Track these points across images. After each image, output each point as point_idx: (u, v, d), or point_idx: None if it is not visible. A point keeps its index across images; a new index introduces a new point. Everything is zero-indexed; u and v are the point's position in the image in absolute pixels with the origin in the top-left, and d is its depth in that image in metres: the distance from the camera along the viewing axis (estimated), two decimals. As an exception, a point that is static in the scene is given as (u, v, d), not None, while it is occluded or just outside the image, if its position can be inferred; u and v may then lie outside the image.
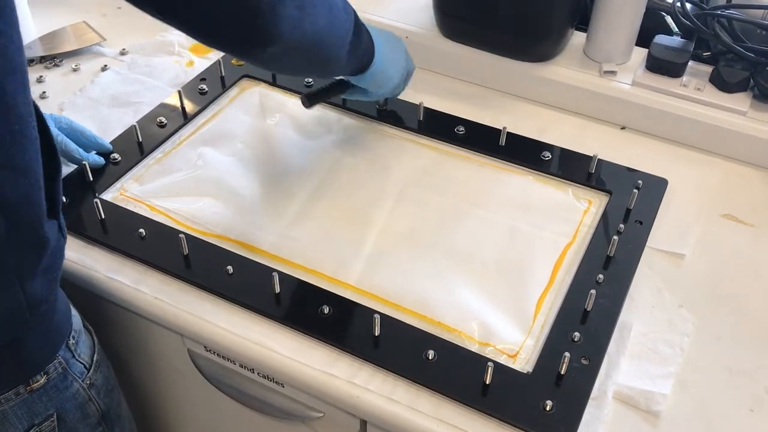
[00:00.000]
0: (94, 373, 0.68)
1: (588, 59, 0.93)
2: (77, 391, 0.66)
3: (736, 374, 0.65)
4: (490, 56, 0.94)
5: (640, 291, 0.71)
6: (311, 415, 0.70)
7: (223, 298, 0.69)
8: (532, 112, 0.93)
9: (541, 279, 0.72)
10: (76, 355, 0.65)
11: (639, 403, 0.63)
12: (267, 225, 0.77)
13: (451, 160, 0.85)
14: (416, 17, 1.00)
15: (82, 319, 0.69)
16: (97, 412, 0.69)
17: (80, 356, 0.66)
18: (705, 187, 0.83)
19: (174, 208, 0.78)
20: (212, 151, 0.85)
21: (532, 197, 0.80)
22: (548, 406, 0.60)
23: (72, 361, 0.65)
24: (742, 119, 0.85)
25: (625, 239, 0.73)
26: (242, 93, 0.94)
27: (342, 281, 0.71)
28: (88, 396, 0.68)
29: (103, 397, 0.70)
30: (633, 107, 0.89)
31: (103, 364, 0.71)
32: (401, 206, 0.79)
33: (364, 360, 0.64)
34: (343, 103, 0.91)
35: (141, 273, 0.72)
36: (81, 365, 0.66)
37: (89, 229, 0.75)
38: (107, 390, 0.71)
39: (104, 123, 0.89)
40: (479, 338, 0.66)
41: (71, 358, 0.65)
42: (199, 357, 0.74)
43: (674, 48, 0.89)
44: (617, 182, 0.81)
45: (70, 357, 0.65)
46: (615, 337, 0.67)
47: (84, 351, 0.67)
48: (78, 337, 0.66)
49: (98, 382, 0.69)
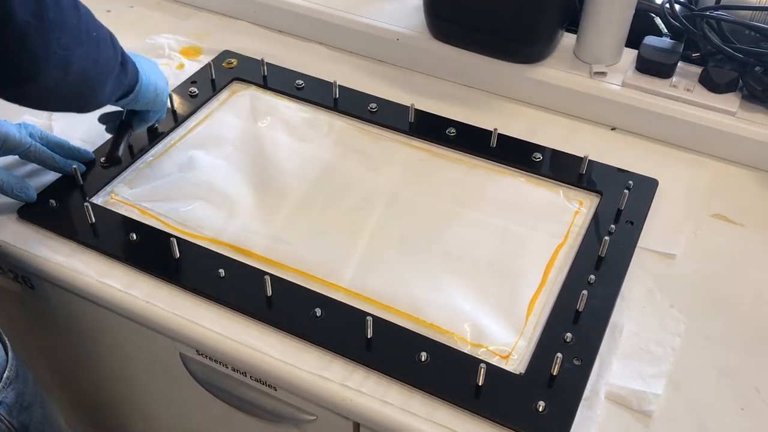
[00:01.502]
0: (4, 390, 0.66)
1: (578, 60, 0.94)
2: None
3: (727, 374, 0.66)
4: (481, 58, 0.94)
5: (631, 291, 0.72)
6: (304, 418, 0.70)
7: (215, 302, 0.69)
8: (522, 113, 0.94)
9: (533, 280, 0.72)
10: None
11: (631, 403, 0.63)
12: (258, 228, 0.76)
13: (442, 161, 0.85)
14: (407, 20, 1.00)
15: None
16: (9, 431, 0.68)
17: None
18: (695, 187, 0.84)
19: (165, 211, 0.78)
20: (203, 154, 0.85)
21: (524, 198, 0.81)
22: (541, 406, 0.60)
23: None
24: (731, 119, 0.86)
25: (616, 240, 0.74)
26: (233, 96, 0.94)
27: (334, 284, 0.71)
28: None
29: (16, 415, 0.68)
30: (623, 108, 0.89)
31: (18, 379, 0.69)
32: (393, 208, 0.79)
33: (356, 362, 0.64)
34: (334, 106, 0.91)
35: (132, 277, 0.71)
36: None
37: (80, 234, 0.74)
38: (22, 407, 0.69)
39: (94, 127, 0.89)
40: (471, 340, 0.66)
41: None
42: (191, 361, 0.74)
43: (664, 49, 0.89)
44: (608, 183, 0.81)
45: None
46: (607, 337, 0.67)
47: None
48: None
49: (8, 400, 0.67)
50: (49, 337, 0.91)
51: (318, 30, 1.03)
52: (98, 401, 0.99)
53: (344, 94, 0.93)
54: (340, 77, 0.94)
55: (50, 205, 0.77)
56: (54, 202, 0.77)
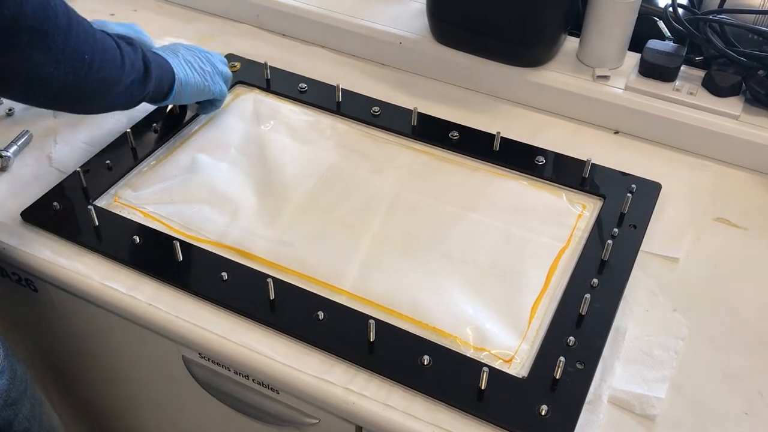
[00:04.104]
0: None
1: (581, 64, 0.94)
2: None
3: (730, 377, 0.66)
4: (484, 61, 0.95)
5: (634, 295, 0.72)
6: (306, 421, 0.70)
7: (218, 305, 0.69)
8: (525, 116, 0.94)
9: (536, 283, 0.72)
10: None
11: (634, 407, 0.63)
12: (261, 231, 0.77)
13: (445, 164, 0.85)
14: (410, 23, 1.00)
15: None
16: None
17: None
18: (698, 190, 0.84)
19: (168, 214, 0.78)
20: (206, 158, 0.85)
21: (526, 202, 0.81)
22: (543, 410, 0.60)
23: None
24: (734, 123, 0.86)
25: (619, 243, 0.74)
26: (236, 99, 0.94)
27: (337, 287, 0.71)
28: None
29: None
30: (626, 112, 0.89)
31: (5, 375, 0.69)
32: (395, 211, 0.79)
33: (359, 366, 0.64)
34: (337, 109, 0.91)
35: (135, 280, 0.71)
36: None
37: (83, 236, 0.74)
38: (6, 403, 0.69)
39: (98, 130, 0.89)
40: (474, 343, 0.66)
41: None
42: (194, 364, 0.74)
43: (667, 52, 0.89)
44: (611, 186, 0.81)
45: None
46: (610, 341, 0.67)
47: None
48: None
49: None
50: (51, 340, 0.91)
51: (321, 33, 1.03)
52: (100, 404, 0.99)
53: (347, 98, 0.93)
54: (343, 80, 0.94)
55: (54, 207, 0.77)
56: (57, 205, 0.77)
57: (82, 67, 0.64)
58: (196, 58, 0.83)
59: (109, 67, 0.67)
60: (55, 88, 0.63)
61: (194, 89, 0.82)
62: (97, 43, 0.65)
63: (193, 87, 0.81)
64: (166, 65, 0.77)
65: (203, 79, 0.82)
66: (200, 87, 0.82)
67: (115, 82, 0.68)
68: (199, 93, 0.83)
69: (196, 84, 0.81)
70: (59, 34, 0.61)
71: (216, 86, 0.85)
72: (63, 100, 0.67)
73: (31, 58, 0.60)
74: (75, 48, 0.63)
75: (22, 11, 0.57)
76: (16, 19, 0.57)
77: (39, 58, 0.60)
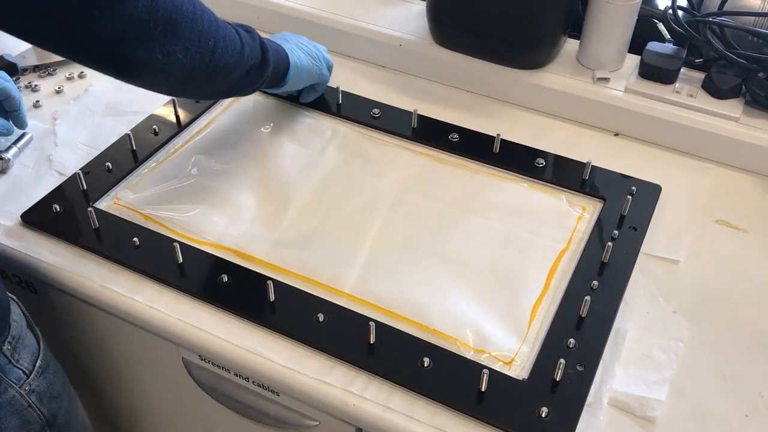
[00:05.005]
0: (36, 378, 0.67)
1: (581, 66, 0.94)
2: (13, 397, 0.65)
3: (731, 379, 0.66)
4: (484, 64, 0.95)
5: (634, 297, 0.72)
6: (306, 423, 0.70)
7: (218, 307, 0.69)
8: (525, 119, 0.94)
9: (536, 285, 0.72)
10: (13, 361, 0.65)
11: (634, 409, 0.63)
12: (262, 233, 0.77)
13: (445, 167, 0.85)
14: (410, 25, 1.01)
15: (28, 322, 0.68)
16: (39, 419, 0.68)
17: (18, 362, 0.65)
18: (698, 192, 0.84)
19: (168, 216, 0.78)
20: (206, 160, 0.85)
21: (527, 204, 0.81)
22: (544, 412, 0.60)
23: (8, 366, 0.64)
24: (734, 125, 0.86)
25: (619, 245, 0.74)
26: (236, 101, 0.94)
27: (337, 289, 0.71)
28: (27, 403, 0.66)
29: (47, 404, 0.69)
30: (626, 114, 0.89)
31: (50, 369, 0.70)
32: (396, 213, 0.79)
33: (359, 368, 0.64)
34: (338, 111, 0.91)
35: (135, 282, 0.71)
36: (19, 371, 0.65)
37: (83, 238, 0.74)
38: (52, 396, 0.70)
39: (98, 132, 0.89)
40: (474, 345, 0.66)
41: (6, 364, 0.64)
42: (194, 366, 0.74)
43: (666, 55, 0.89)
44: (611, 188, 0.81)
45: (5, 363, 0.64)
46: (610, 343, 0.67)
47: (24, 356, 0.66)
48: (16, 342, 0.65)
49: (41, 388, 0.68)
50: (51, 342, 0.91)
51: (321, 35, 1.03)
52: (100, 406, 0.99)
53: (347, 100, 0.93)
54: (343, 83, 0.94)
55: (54, 209, 0.77)
56: (57, 207, 0.77)
57: (206, 53, 0.65)
58: (304, 45, 0.86)
59: (230, 54, 0.69)
60: (183, 75, 0.65)
61: (308, 73, 0.85)
62: (220, 30, 0.67)
63: (307, 71, 0.84)
64: (281, 51, 0.80)
65: (313, 63, 0.86)
66: (313, 71, 0.86)
67: (235, 68, 0.70)
68: (311, 77, 0.86)
69: (309, 68, 0.85)
70: (186, 22, 0.62)
71: (324, 70, 0.88)
72: (188, 86, 0.68)
73: (162, 48, 0.61)
74: (201, 35, 0.64)
75: (155, 3, 0.59)
76: (151, 11, 0.58)
77: (170, 47, 0.61)
